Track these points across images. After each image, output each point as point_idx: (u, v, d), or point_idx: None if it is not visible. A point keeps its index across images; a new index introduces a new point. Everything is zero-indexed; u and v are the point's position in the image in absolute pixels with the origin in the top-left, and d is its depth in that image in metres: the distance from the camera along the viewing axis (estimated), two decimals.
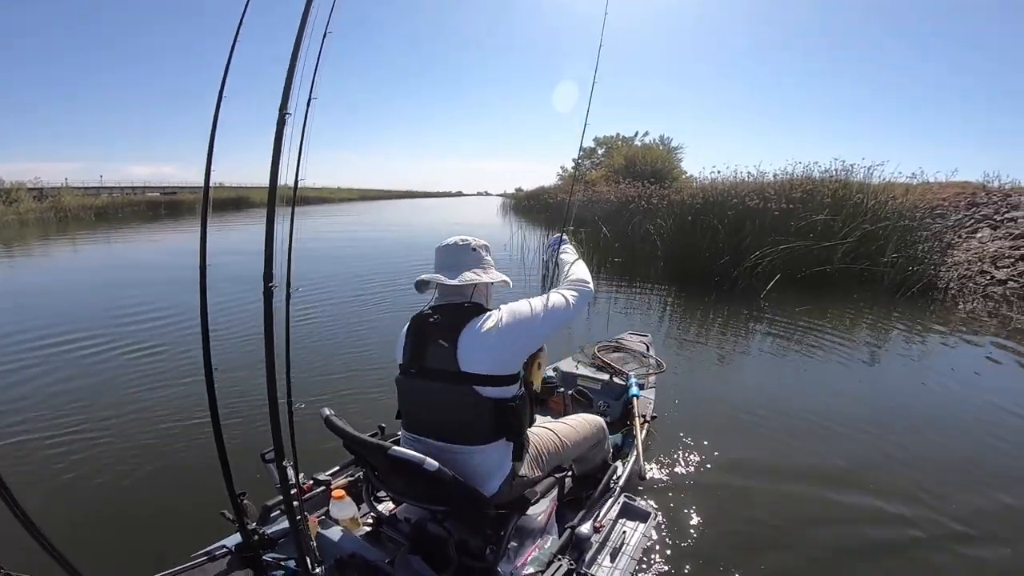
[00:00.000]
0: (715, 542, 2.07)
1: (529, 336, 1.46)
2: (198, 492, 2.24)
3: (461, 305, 1.48)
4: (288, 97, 1.12)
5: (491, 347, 1.39)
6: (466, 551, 1.48)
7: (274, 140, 1.12)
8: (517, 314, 1.46)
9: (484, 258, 1.56)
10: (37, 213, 21.55)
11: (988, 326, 5.43)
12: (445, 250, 1.56)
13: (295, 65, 1.12)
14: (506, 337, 1.41)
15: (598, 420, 1.98)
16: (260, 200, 35.41)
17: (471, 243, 1.56)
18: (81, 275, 8.78)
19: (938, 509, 2.32)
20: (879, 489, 2.46)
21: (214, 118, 1.45)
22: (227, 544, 1.53)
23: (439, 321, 1.46)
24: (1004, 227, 8.63)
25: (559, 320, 1.51)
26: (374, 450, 1.38)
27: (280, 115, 1.11)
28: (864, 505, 2.36)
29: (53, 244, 13.42)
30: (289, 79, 1.11)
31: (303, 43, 1.14)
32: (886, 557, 2.06)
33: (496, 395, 1.41)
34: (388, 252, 11.44)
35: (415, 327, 1.51)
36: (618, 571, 1.58)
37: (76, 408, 3.23)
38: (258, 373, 3.64)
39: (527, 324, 1.45)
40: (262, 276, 1.14)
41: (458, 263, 1.52)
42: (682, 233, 7.68)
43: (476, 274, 1.50)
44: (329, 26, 1.24)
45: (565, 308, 1.53)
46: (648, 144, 32.07)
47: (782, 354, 4.51)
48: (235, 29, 1.47)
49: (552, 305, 1.51)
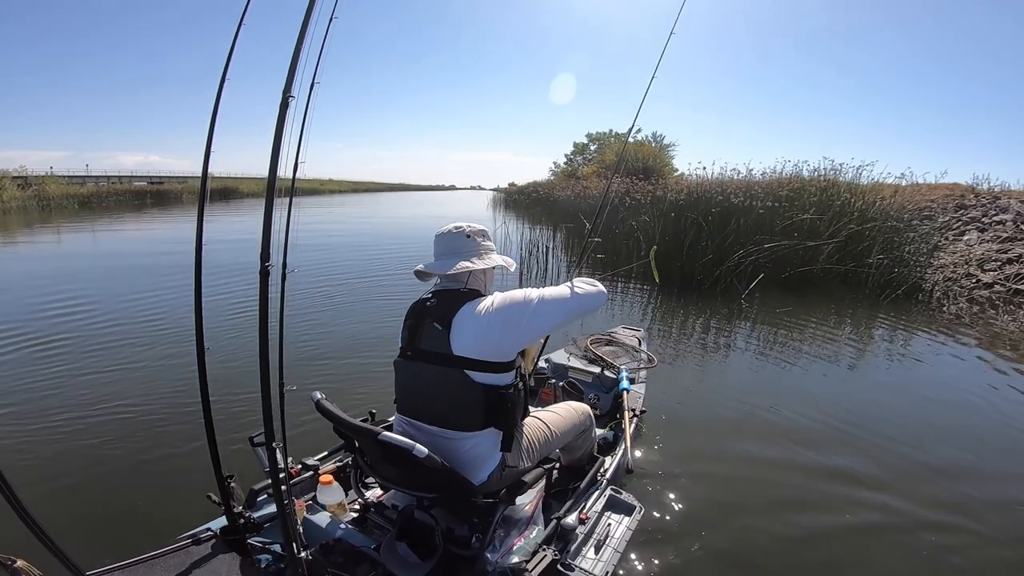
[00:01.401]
0: (700, 536, 2.09)
1: (522, 321, 1.44)
2: (184, 474, 2.24)
3: (458, 290, 1.50)
4: (292, 80, 1.13)
5: (483, 330, 1.40)
6: (452, 539, 1.49)
7: (276, 122, 1.12)
8: (510, 299, 1.46)
9: (481, 244, 1.57)
10: (20, 202, 21.23)
11: (971, 329, 5.45)
12: (440, 238, 1.58)
13: (300, 48, 1.13)
14: (496, 320, 1.41)
15: (585, 408, 1.99)
16: (249, 191, 35.20)
17: (464, 230, 1.57)
18: (66, 261, 8.64)
19: (915, 496, 2.40)
20: (864, 481, 2.52)
21: (215, 104, 1.45)
22: (212, 527, 1.52)
23: (435, 305, 1.48)
24: (992, 230, 8.60)
25: (559, 309, 1.49)
26: (364, 435, 1.38)
27: (283, 98, 1.12)
28: (849, 496, 2.40)
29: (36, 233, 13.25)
30: (294, 62, 1.12)
31: (309, 27, 1.15)
32: (873, 546, 2.11)
33: (487, 381, 1.42)
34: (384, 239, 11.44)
35: (414, 311, 1.53)
36: (602, 563, 1.59)
37: (61, 389, 3.21)
38: (248, 357, 3.63)
39: (519, 309, 1.44)
40: (259, 257, 1.15)
41: (453, 250, 1.54)
42: (665, 231, 7.44)
43: (471, 262, 1.51)
44: (336, 11, 1.25)
45: (566, 298, 1.51)
46: (640, 141, 32.25)
47: (766, 352, 4.55)
48: (239, 17, 1.47)
49: (552, 294, 1.50)
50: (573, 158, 38.52)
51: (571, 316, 1.55)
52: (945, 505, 2.37)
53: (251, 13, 1.50)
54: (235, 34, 1.48)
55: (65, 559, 1.09)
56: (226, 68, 1.47)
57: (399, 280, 6.78)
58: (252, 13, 1.50)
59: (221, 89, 1.47)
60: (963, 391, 3.77)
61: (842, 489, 2.46)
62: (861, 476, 2.57)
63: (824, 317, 5.76)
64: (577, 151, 38.64)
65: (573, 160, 38.20)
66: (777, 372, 4.08)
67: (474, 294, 1.49)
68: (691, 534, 2.10)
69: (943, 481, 2.57)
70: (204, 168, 1.47)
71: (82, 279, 6.66)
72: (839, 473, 2.60)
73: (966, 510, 2.32)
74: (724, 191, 7.59)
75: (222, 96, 1.48)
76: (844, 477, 2.56)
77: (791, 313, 5.75)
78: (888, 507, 2.33)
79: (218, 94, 1.48)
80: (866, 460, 2.72)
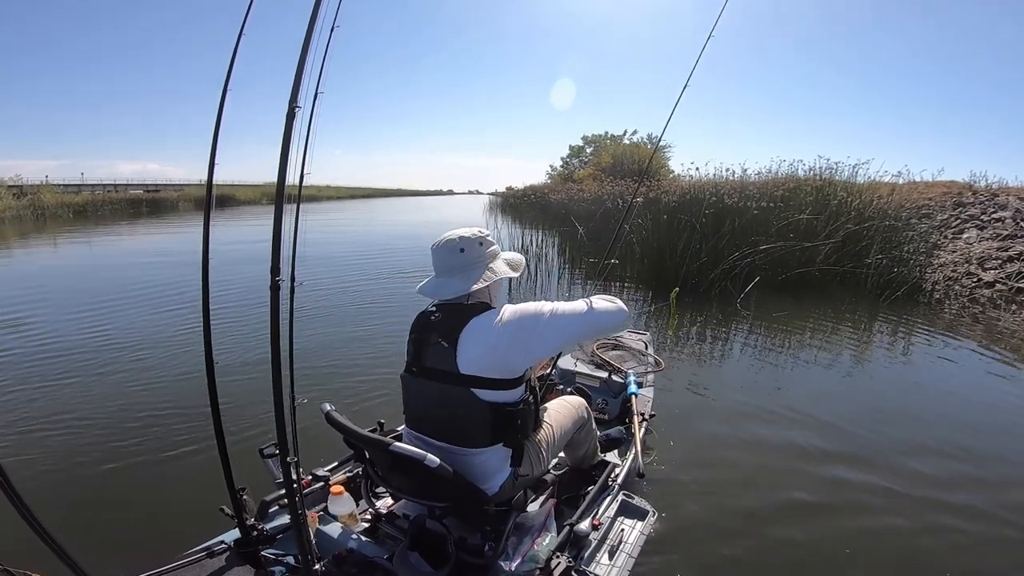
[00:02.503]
0: (714, 540, 2.08)
1: (532, 337, 1.38)
2: (197, 487, 2.22)
3: (463, 304, 1.45)
4: (298, 90, 1.12)
5: (491, 347, 1.36)
6: (465, 548, 1.48)
7: (283, 133, 1.12)
8: (521, 313, 1.41)
9: (478, 256, 1.46)
10: (15, 211, 21.20)
11: (972, 331, 5.35)
12: (436, 251, 1.47)
13: (305, 58, 1.12)
14: (504, 335, 1.36)
15: (579, 400, 1.95)
16: (246, 198, 35.06)
17: (458, 243, 1.44)
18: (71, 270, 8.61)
19: (930, 501, 2.37)
20: (884, 486, 2.48)
21: (218, 114, 1.44)
22: (226, 540, 1.52)
23: (440, 319, 1.44)
24: (991, 227, 8.48)
25: (572, 326, 1.42)
26: (375, 446, 1.38)
27: (290, 108, 1.11)
28: (868, 502, 2.37)
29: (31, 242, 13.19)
30: (299, 72, 1.11)
31: (313, 36, 1.14)
32: (890, 551, 2.08)
33: (495, 399, 1.39)
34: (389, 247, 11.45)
35: (418, 325, 1.50)
36: (616, 568, 1.59)
37: (75, 402, 3.19)
38: (256, 369, 3.61)
39: (530, 323, 1.39)
40: (269, 271, 1.14)
41: (451, 266, 1.45)
42: (658, 233, 7.27)
43: (471, 280, 1.42)
44: (337, 20, 1.24)
45: (581, 314, 1.43)
46: (636, 142, 32.19)
47: (768, 354, 4.54)
48: (240, 24, 1.47)
49: (566, 309, 1.42)
50: (569, 161, 38.53)
51: (586, 334, 1.48)
52: (960, 511, 2.31)
53: (251, 23, 1.50)
54: (236, 44, 1.47)
55: (80, 572, 1.08)
56: (228, 78, 1.46)
57: (401, 287, 6.77)
58: (252, 23, 1.50)
59: (224, 99, 1.46)
60: (972, 393, 3.74)
61: (856, 495, 2.42)
62: (876, 482, 2.51)
63: (823, 320, 5.71)
64: (573, 154, 38.65)
65: (569, 163, 38.22)
66: (781, 374, 4.07)
67: (481, 307, 1.44)
68: (706, 538, 2.09)
69: (962, 484, 2.51)
70: (208, 180, 1.46)
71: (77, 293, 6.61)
72: (853, 477, 2.54)
73: (989, 516, 2.28)
74: (718, 192, 7.41)
75: (224, 105, 1.48)
76: (858, 482, 2.50)
77: (789, 317, 5.64)
78: (905, 512, 2.30)
79: (220, 104, 1.47)
80: (882, 466, 2.66)
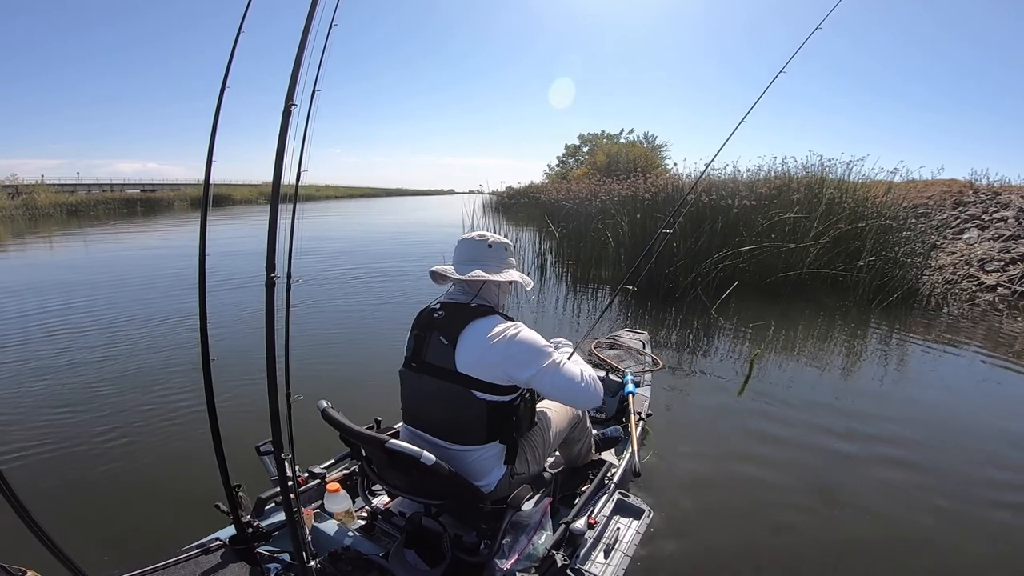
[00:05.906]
0: (709, 539, 2.09)
1: (523, 375, 1.41)
2: (192, 484, 2.22)
3: (466, 304, 1.47)
4: (295, 88, 1.12)
5: (481, 354, 1.38)
6: (460, 546, 1.49)
7: (279, 130, 1.12)
8: (525, 342, 1.41)
9: (501, 256, 1.53)
10: (8, 211, 21.17)
11: (972, 338, 5.10)
12: (463, 244, 1.55)
13: (302, 56, 1.12)
14: (494, 354, 1.38)
15: None
16: (242, 198, 34.90)
17: (488, 239, 1.53)
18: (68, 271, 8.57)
19: (921, 501, 2.38)
20: (875, 487, 2.49)
21: (215, 113, 1.45)
22: (221, 536, 1.52)
23: (442, 317, 1.46)
24: (993, 227, 8.10)
25: (560, 392, 1.45)
26: (372, 443, 1.38)
27: (286, 106, 1.11)
28: (866, 504, 2.37)
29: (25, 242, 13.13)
30: (296, 70, 1.11)
31: (310, 34, 1.14)
32: (884, 552, 2.09)
33: (492, 399, 1.41)
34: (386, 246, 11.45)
35: (420, 321, 1.51)
36: (611, 567, 1.59)
37: (70, 399, 3.19)
38: (253, 366, 3.63)
39: (526, 361, 1.40)
40: (264, 267, 1.14)
41: (472, 258, 1.51)
42: (633, 234, 6.92)
43: (488, 273, 1.47)
44: (335, 18, 1.25)
45: (574, 383, 1.45)
46: (631, 141, 32.25)
47: (770, 355, 4.54)
48: (238, 22, 1.47)
49: (564, 372, 1.44)
50: (565, 160, 38.66)
51: (565, 401, 1.58)
52: (956, 516, 2.30)
53: (249, 21, 1.50)
54: (234, 42, 1.47)
55: (75, 568, 1.08)
56: (226, 76, 1.46)
57: (401, 286, 6.78)
58: (250, 21, 1.50)
59: (221, 97, 1.46)
60: (968, 404, 3.67)
61: (855, 496, 2.42)
62: (872, 486, 2.52)
63: (811, 326, 5.57)
64: (569, 153, 38.79)
65: (565, 162, 38.36)
66: (779, 374, 4.08)
67: (484, 310, 1.46)
68: (701, 537, 2.10)
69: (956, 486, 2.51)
70: (206, 180, 1.46)
71: (71, 289, 6.60)
72: (851, 478, 2.56)
73: (988, 529, 2.25)
74: (696, 189, 6.58)
75: (222, 104, 1.48)
76: (856, 484, 2.52)
77: (766, 326, 5.25)
78: (904, 512, 2.31)
79: (218, 102, 1.47)
80: (879, 471, 2.67)
